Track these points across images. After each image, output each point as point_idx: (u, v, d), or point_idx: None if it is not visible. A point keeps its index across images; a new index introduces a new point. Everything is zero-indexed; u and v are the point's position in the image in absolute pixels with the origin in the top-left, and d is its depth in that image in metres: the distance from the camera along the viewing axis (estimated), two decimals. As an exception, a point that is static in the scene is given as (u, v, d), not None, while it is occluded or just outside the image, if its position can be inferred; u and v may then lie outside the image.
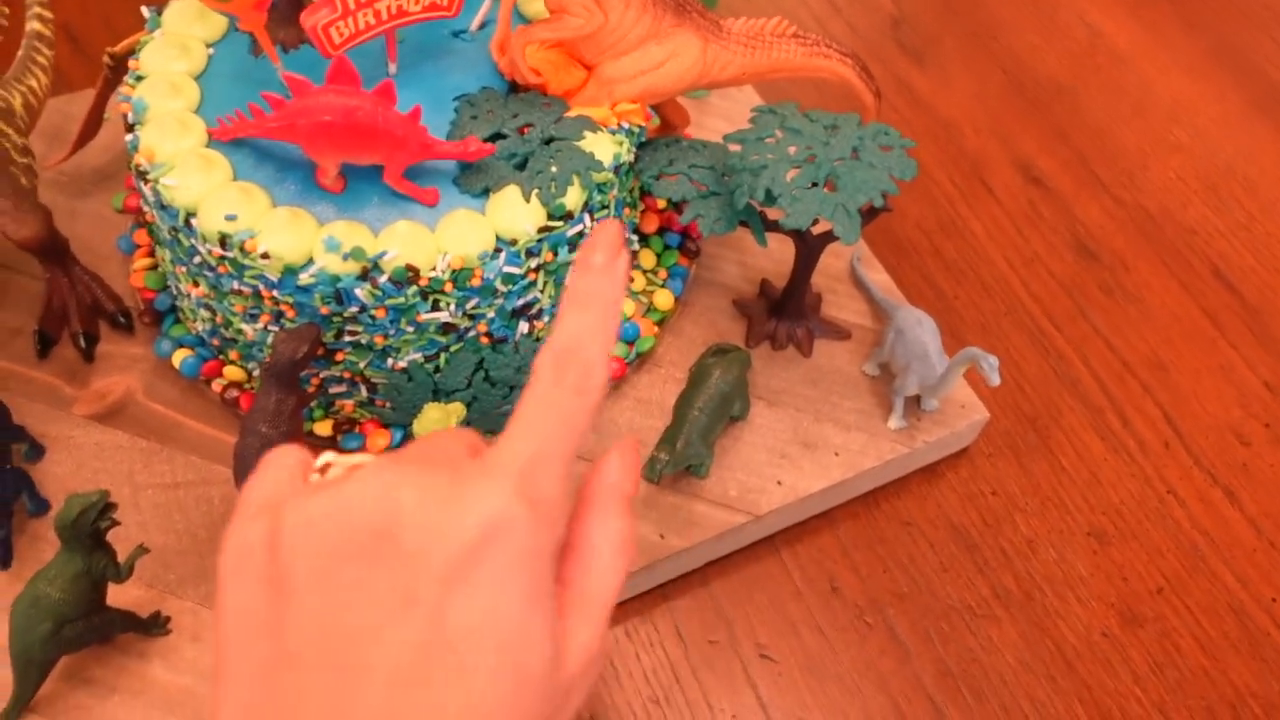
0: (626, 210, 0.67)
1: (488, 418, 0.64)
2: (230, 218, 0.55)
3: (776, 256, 0.75)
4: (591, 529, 0.35)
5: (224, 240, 0.56)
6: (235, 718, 0.31)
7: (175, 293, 0.67)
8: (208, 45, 0.63)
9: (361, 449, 0.64)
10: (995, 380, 0.59)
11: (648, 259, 0.72)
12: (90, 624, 0.54)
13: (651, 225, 0.73)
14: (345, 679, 0.30)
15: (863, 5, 0.99)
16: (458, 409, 0.56)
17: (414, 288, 0.56)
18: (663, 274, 0.72)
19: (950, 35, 0.97)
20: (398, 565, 0.31)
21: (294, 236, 0.55)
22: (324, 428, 0.64)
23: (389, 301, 0.56)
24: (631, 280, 0.71)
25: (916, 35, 0.97)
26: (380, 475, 0.32)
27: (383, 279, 0.56)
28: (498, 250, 0.57)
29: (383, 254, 0.56)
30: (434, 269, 0.56)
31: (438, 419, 0.55)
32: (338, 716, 0.30)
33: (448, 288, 0.57)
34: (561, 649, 0.33)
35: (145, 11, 0.65)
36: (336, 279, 0.55)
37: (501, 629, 0.31)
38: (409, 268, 0.56)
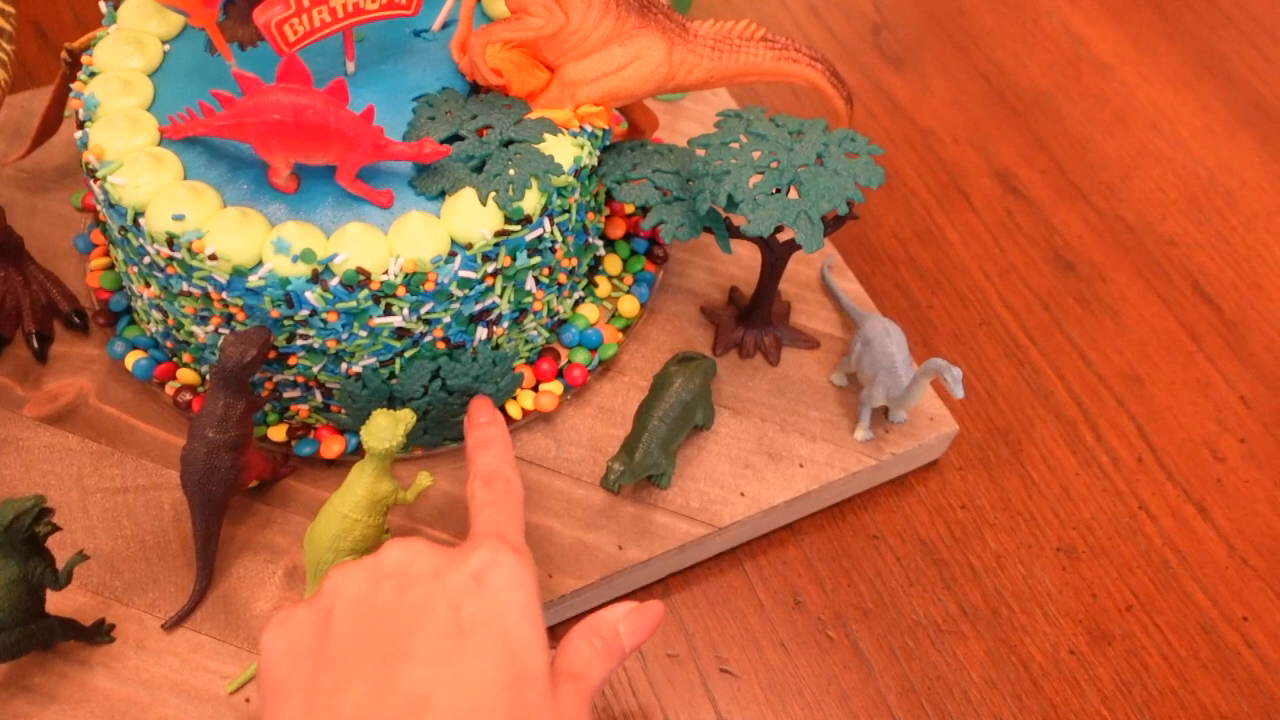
0: (590, 214, 0.66)
1: (444, 426, 0.62)
2: (178, 217, 0.54)
3: (746, 263, 0.74)
4: (576, 635, 0.45)
5: (171, 240, 0.54)
6: (293, 713, 0.38)
7: (129, 293, 0.65)
8: (164, 42, 0.62)
9: (315, 454, 0.63)
10: (959, 392, 0.58)
11: (614, 265, 0.71)
12: (28, 631, 0.53)
13: (618, 230, 0.72)
14: (387, 664, 0.38)
15: (843, 10, 0.98)
16: (407, 416, 0.55)
17: (365, 291, 0.55)
18: (629, 280, 0.71)
19: (931, 42, 0.96)
20: (421, 587, 0.41)
21: (243, 237, 0.54)
22: (278, 433, 0.63)
23: (340, 305, 0.55)
24: (596, 286, 0.70)
25: (897, 42, 0.96)
26: (398, 542, 0.43)
27: (334, 282, 0.54)
28: (453, 254, 0.56)
29: (334, 256, 0.54)
30: (386, 272, 0.55)
31: (386, 426, 0.54)
32: (382, 690, 0.37)
33: (400, 292, 0.56)
34: (557, 698, 0.40)
35: (103, 6, 0.64)
36: (286, 281, 0.54)
37: (504, 628, 0.40)
38: (360, 271, 0.54)
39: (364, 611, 0.40)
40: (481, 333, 0.61)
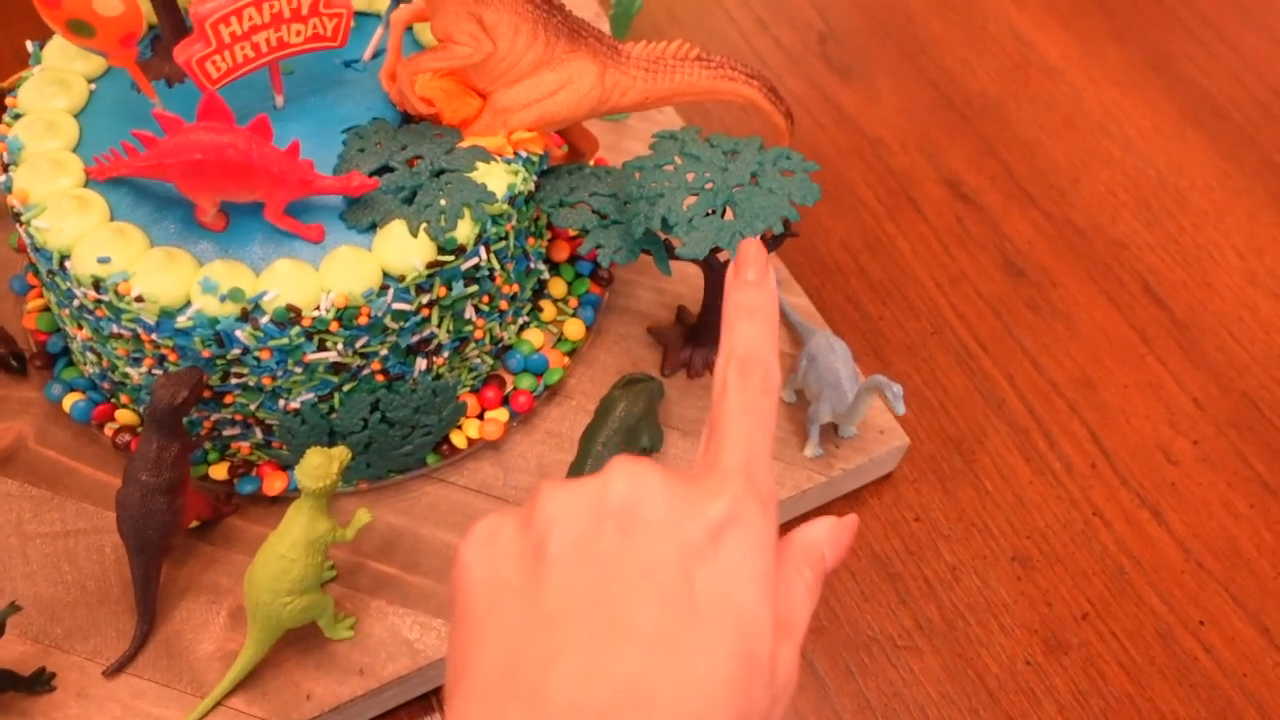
0: (530, 239, 0.65)
1: (386, 458, 0.62)
2: (103, 260, 0.54)
3: (694, 282, 0.74)
4: (788, 570, 0.37)
5: (97, 283, 0.54)
6: (491, 674, 0.33)
7: (65, 335, 0.65)
8: (90, 81, 0.62)
9: (258, 491, 0.62)
10: (900, 409, 0.58)
11: (558, 288, 0.70)
12: (-38, 685, 0.52)
13: (562, 254, 0.71)
14: (605, 637, 0.32)
15: (790, 21, 0.98)
16: (341, 453, 0.54)
17: (297, 328, 0.54)
18: (574, 303, 0.70)
19: (879, 50, 0.96)
20: (650, 538, 0.34)
21: (170, 278, 0.54)
22: (219, 471, 0.62)
23: (272, 343, 0.55)
24: (541, 310, 0.70)
25: (844, 51, 0.96)
26: (626, 467, 0.35)
27: (264, 320, 0.54)
28: (385, 287, 0.56)
29: (263, 294, 0.54)
30: (317, 308, 0.54)
31: (320, 464, 0.53)
32: (597, 670, 0.32)
33: (333, 327, 0.55)
34: (775, 674, 0.35)
35: (29, 45, 0.63)
36: (215, 321, 0.54)
37: (739, 609, 0.33)
38: (290, 308, 0.54)
39: (583, 557, 0.34)
40: (421, 364, 0.61)
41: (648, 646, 0.32)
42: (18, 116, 0.60)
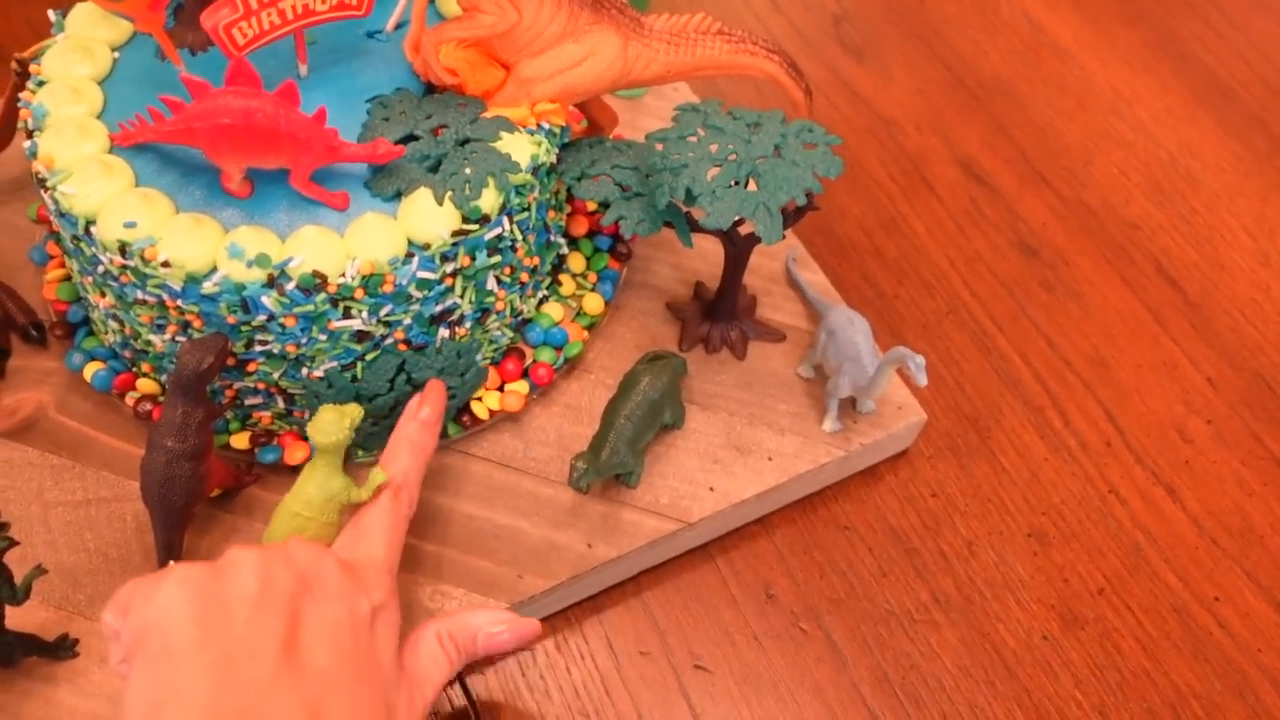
0: (551, 213, 0.65)
1: (408, 427, 0.62)
2: (129, 225, 0.54)
3: (711, 258, 0.74)
4: (432, 644, 0.53)
5: (123, 248, 0.54)
6: (202, 698, 0.42)
7: (86, 304, 0.65)
8: (113, 49, 0.62)
9: (279, 461, 0.62)
10: (923, 380, 0.58)
11: (577, 263, 0.71)
12: (-12, 649, 0.52)
13: (581, 228, 0.71)
14: (296, 673, 0.44)
15: (803, 3, 0.98)
16: (353, 410, 0.54)
17: (323, 295, 0.54)
18: (592, 278, 0.71)
19: (892, 32, 0.96)
20: (333, 606, 0.48)
21: (196, 243, 0.54)
22: (240, 440, 0.62)
23: (298, 309, 0.55)
24: (560, 284, 0.70)
25: (858, 33, 0.96)
26: (307, 547, 0.50)
27: (290, 286, 0.54)
28: (410, 255, 0.56)
29: (289, 260, 0.54)
30: (343, 275, 0.54)
31: (332, 420, 0.53)
32: (294, 687, 0.44)
33: (358, 294, 0.55)
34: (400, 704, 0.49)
35: (51, 14, 0.63)
36: (241, 287, 0.54)
37: (382, 668, 0.49)
38: (316, 274, 0.54)
39: (275, 608, 0.45)
40: (444, 334, 0.61)
41: (326, 685, 0.44)
42: (41, 83, 0.60)
